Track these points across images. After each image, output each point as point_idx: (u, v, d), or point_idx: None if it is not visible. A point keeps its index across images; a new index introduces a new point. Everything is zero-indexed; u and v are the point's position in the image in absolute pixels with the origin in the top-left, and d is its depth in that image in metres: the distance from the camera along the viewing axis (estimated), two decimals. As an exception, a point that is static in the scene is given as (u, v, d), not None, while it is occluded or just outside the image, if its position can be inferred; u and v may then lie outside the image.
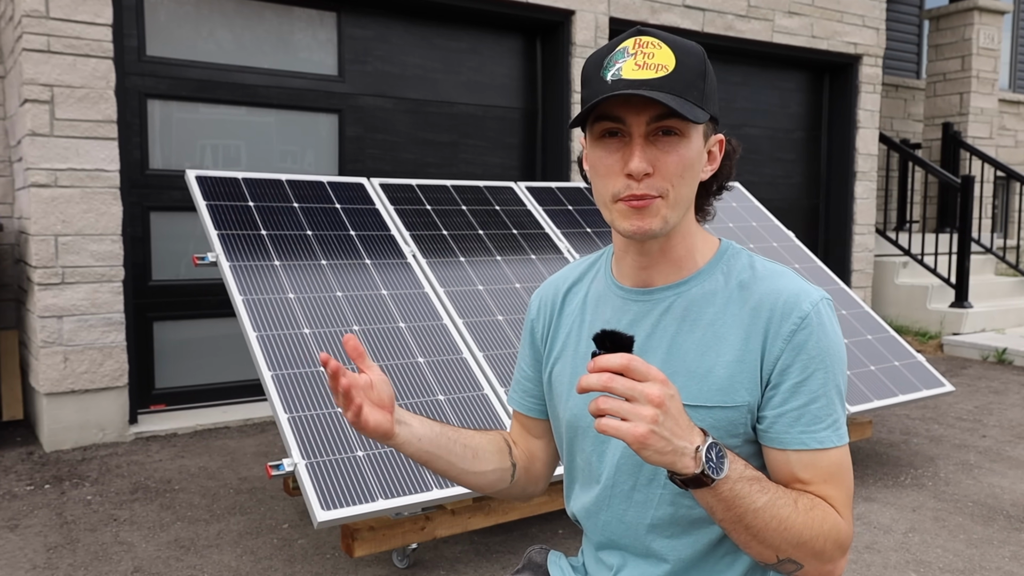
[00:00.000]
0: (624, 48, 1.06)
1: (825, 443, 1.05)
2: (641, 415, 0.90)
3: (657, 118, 1.04)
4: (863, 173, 6.68)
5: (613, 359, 0.91)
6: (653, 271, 1.16)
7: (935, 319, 6.65)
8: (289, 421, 2.39)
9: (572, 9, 5.08)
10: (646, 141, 1.06)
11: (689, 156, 1.07)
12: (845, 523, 1.05)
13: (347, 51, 4.70)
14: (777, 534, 1.00)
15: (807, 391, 1.06)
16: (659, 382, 0.92)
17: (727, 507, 0.98)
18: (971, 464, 3.68)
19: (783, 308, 1.08)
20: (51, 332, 3.75)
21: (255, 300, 2.71)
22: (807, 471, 1.06)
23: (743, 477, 0.98)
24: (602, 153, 1.08)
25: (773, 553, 1.02)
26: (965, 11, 7.81)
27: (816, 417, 1.06)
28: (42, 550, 2.75)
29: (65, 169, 3.74)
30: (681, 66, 1.05)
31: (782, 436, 1.06)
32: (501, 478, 1.29)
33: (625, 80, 1.04)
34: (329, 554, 2.73)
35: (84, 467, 3.57)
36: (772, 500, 1.00)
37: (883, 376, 3.52)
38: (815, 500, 1.05)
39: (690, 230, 1.15)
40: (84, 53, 3.76)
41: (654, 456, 0.92)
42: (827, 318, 1.08)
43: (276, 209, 3.11)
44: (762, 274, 1.13)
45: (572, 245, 3.62)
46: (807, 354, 1.06)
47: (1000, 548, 2.81)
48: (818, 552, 1.03)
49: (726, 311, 1.11)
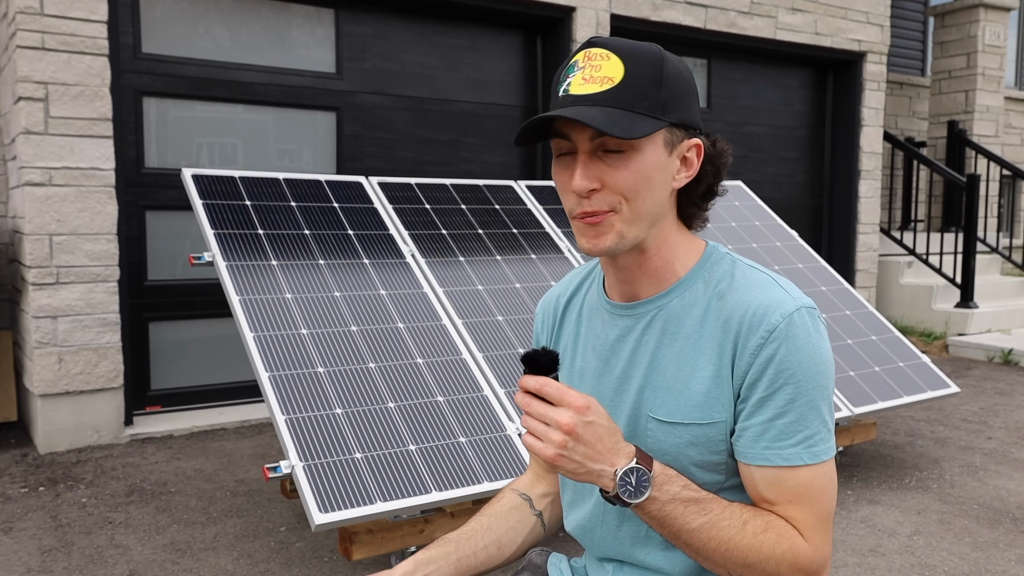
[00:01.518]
0: (575, 61, 1.07)
1: (792, 460, 1.03)
2: (550, 439, 0.97)
3: (599, 135, 1.03)
4: (867, 172, 6.68)
5: (528, 382, 0.99)
6: (635, 284, 1.15)
7: (940, 319, 6.65)
8: (286, 423, 2.39)
9: (573, 6, 5.08)
10: (592, 157, 1.05)
11: (643, 169, 1.05)
12: (808, 547, 1.04)
13: (345, 48, 4.70)
14: (719, 554, 1.03)
15: (773, 406, 1.03)
16: (573, 408, 0.97)
17: (660, 524, 1.03)
18: (977, 466, 3.68)
19: (751, 321, 1.05)
20: (46, 333, 3.75)
21: (252, 300, 2.71)
22: (771, 490, 1.05)
23: (676, 499, 1.01)
24: (559, 170, 1.10)
25: (723, 570, 1.05)
26: (971, 8, 7.81)
27: (782, 433, 1.03)
28: (36, 553, 2.75)
29: (60, 168, 3.74)
30: (630, 76, 1.03)
31: (746, 451, 1.06)
32: (535, 535, 1.32)
33: (571, 95, 1.04)
34: (327, 557, 2.73)
35: (79, 469, 3.57)
36: (711, 521, 1.02)
37: (887, 377, 3.51)
38: (771, 522, 1.04)
39: (667, 240, 1.13)
40: (79, 50, 3.76)
41: (570, 475, 0.99)
42: (801, 330, 1.04)
43: (273, 208, 3.11)
44: (739, 284, 1.10)
45: (573, 244, 3.62)
46: (774, 368, 1.03)
47: (1006, 551, 2.80)
48: (771, 573, 1.03)
49: (704, 324, 1.10)
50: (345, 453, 2.36)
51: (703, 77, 6.14)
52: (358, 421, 2.47)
